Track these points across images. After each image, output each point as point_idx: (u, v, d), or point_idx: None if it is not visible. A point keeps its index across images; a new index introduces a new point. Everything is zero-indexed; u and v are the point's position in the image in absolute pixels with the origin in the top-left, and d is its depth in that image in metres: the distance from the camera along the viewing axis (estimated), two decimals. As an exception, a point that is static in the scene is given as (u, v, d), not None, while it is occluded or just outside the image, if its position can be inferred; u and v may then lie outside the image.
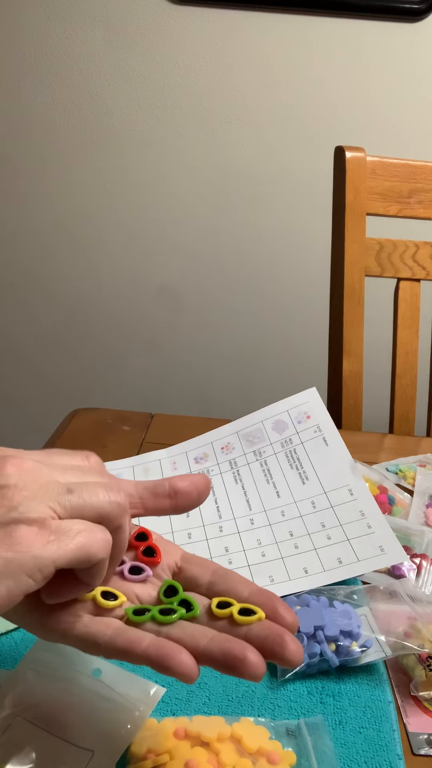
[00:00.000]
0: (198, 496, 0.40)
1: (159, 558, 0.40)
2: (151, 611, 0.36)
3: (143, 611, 0.36)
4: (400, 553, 0.56)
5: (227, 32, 1.39)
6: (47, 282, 1.61)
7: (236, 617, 0.35)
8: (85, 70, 1.43)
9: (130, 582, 0.39)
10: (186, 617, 0.36)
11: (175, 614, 0.36)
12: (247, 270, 1.57)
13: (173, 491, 0.40)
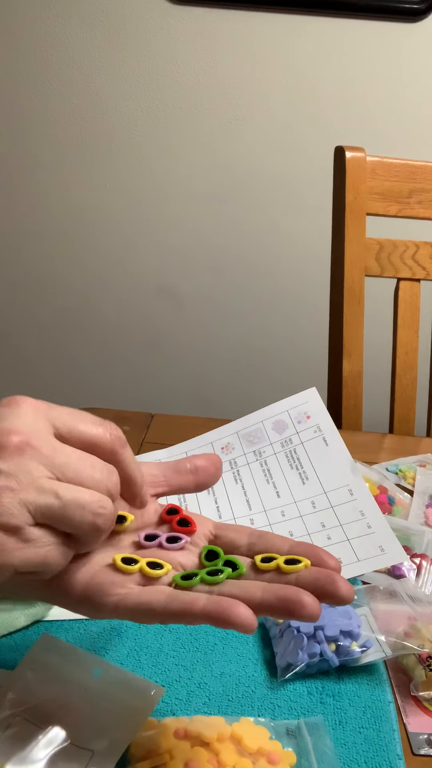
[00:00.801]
0: (215, 471, 0.43)
1: (194, 527, 0.41)
2: (199, 574, 0.37)
3: (191, 576, 0.37)
4: (400, 553, 0.56)
5: (227, 32, 1.39)
6: (47, 282, 1.61)
7: (283, 567, 0.36)
8: (85, 70, 1.43)
9: (170, 551, 0.40)
10: (233, 576, 0.37)
11: (223, 573, 0.37)
12: (247, 270, 1.57)
13: (194, 468, 0.43)
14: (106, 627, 0.52)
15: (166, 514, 0.42)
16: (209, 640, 0.51)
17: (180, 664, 0.49)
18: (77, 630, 0.52)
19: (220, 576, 0.36)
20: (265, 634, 0.52)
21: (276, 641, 0.50)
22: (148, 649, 0.50)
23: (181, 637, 0.51)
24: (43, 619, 0.52)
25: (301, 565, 0.36)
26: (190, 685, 0.47)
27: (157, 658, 0.49)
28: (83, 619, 0.53)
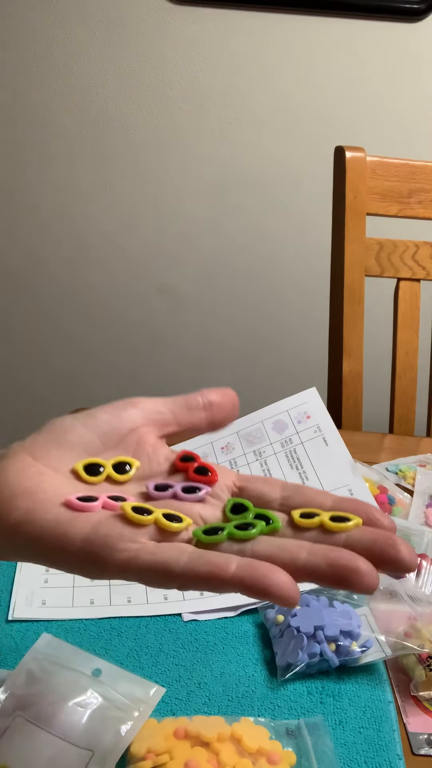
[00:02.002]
0: (232, 408, 0.37)
1: (215, 476, 0.35)
2: (226, 528, 0.30)
3: (215, 530, 0.30)
4: (400, 553, 0.56)
5: (227, 32, 1.39)
6: (47, 282, 1.61)
7: (329, 525, 0.29)
8: (84, 70, 1.43)
9: (187, 502, 0.33)
10: (266, 531, 0.30)
11: (255, 528, 0.30)
12: (247, 270, 1.57)
13: (208, 403, 0.37)
14: (106, 627, 0.52)
15: (180, 461, 0.36)
16: (209, 640, 0.51)
17: (180, 664, 0.49)
18: (77, 630, 0.52)
19: (253, 530, 0.29)
20: (265, 634, 0.52)
21: (276, 641, 0.50)
22: (148, 649, 0.50)
23: (181, 637, 0.51)
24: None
25: (351, 523, 0.29)
26: (190, 685, 0.47)
27: (157, 658, 0.49)
28: (83, 619, 0.53)
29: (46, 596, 0.55)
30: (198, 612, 0.54)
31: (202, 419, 0.37)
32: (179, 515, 0.31)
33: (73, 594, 0.55)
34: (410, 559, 0.28)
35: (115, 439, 0.35)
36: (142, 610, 0.54)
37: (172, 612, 0.54)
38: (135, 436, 0.36)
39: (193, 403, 0.37)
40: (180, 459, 0.36)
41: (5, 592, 0.55)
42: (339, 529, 0.29)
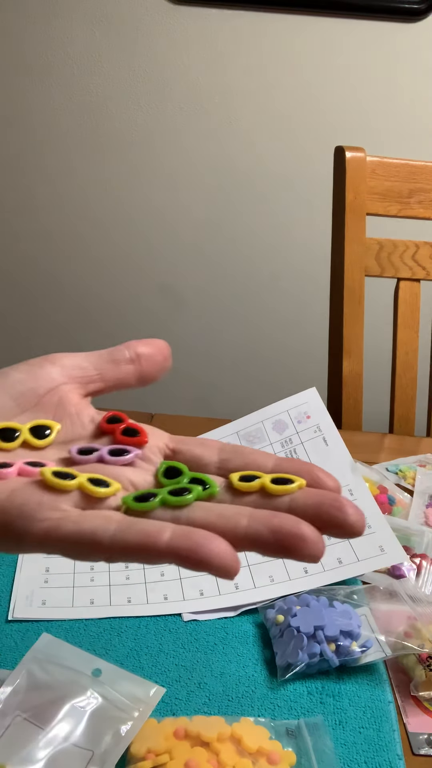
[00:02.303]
0: (163, 360, 0.34)
1: (145, 437, 0.32)
2: (159, 494, 0.27)
3: (147, 496, 0.27)
4: (400, 553, 0.56)
5: (227, 32, 1.39)
6: (47, 282, 1.61)
7: (270, 488, 0.27)
8: (84, 70, 1.43)
9: (115, 466, 0.30)
10: (203, 497, 0.28)
11: (191, 493, 0.27)
12: (247, 270, 1.57)
13: (135, 356, 0.34)
14: (106, 627, 0.52)
15: (106, 422, 0.32)
16: (209, 640, 0.51)
17: (180, 664, 0.49)
18: (77, 630, 0.52)
19: (188, 496, 0.27)
20: (265, 634, 0.52)
21: (276, 641, 0.50)
22: (148, 649, 0.50)
23: (181, 637, 0.51)
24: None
25: (294, 485, 0.27)
26: (190, 685, 0.47)
27: (157, 658, 0.49)
28: (83, 619, 0.53)
29: (46, 596, 0.55)
30: (198, 612, 0.54)
31: (130, 373, 0.34)
32: (106, 480, 0.28)
33: (73, 594, 0.55)
34: (358, 521, 0.26)
35: (32, 400, 0.32)
36: (142, 610, 0.54)
37: (172, 612, 0.54)
38: (55, 396, 0.33)
39: (118, 356, 0.34)
40: (106, 420, 0.33)
41: (5, 592, 0.55)
42: (281, 492, 0.27)
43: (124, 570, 0.57)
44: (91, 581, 0.56)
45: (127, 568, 0.57)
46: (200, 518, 0.26)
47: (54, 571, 0.57)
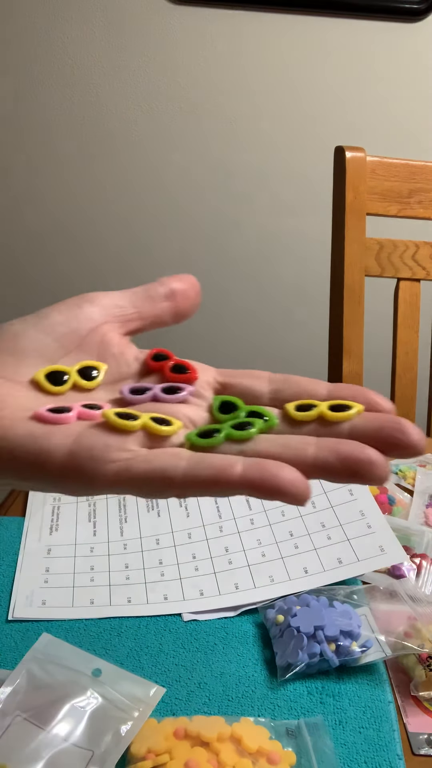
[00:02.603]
0: (195, 296, 0.35)
1: (195, 373, 0.31)
2: (223, 429, 0.27)
3: (211, 432, 0.27)
4: (400, 553, 0.56)
5: (227, 32, 1.39)
6: (47, 282, 1.61)
7: (329, 415, 0.27)
8: (84, 70, 1.43)
9: (169, 403, 0.30)
10: (264, 429, 0.28)
11: (254, 426, 0.27)
12: (246, 269, 1.57)
13: (170, 292, 0.34)
14: (106, 627, 0.52)
15: (153, 360, 0.32)
16: (209, 640, 0.51)
17: (180, 664, 0.49)
18: (77, 630, 0.52)
19: (252, 429, 0.27)
20: (265, 634, 0.52)
21: (276, 641, 0.50)
22: (148, 649, 0.50)
23: (181, 637, 0.51)
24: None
25: (353, 411, 0.27)
26: (190, 685, 0.47)
27: (157, 658, 0.49)
28: (83, 619, 0.53)
29: (46, 596, 0.55)
30: (198, 612, 0.54)
31: (166, 309, 0.34)
32: (168, 418, 0.28)
33: (73, 594, 0.55)
34: (420, 441, 0.26)
35: (75, 341, 0.32)
36: (142, 610, 0.54)
37: (172, 612, 0.54)
38: (97, 336, 0.32)
39: (154, 293, 0.34)
40: (152, 358, 0.33)
41: (5, 592, 0.55)
42: (340, 419, 0.27)
43: (124, 570, 0.57)
44: (91, 581, 0.56)
45: (127, 568, 0.57)
46: (266, 450, 0.26)
47: (54, 571, 0.57)
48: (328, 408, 0.28)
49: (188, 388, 0.30)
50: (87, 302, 0.32)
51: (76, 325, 0.32)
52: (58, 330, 0.31)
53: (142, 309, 0.33)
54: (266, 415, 0.28)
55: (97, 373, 0.31)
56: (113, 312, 0.33)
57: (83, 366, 0.31)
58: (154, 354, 0.33)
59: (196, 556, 0.58)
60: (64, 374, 0.30)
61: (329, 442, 0.26)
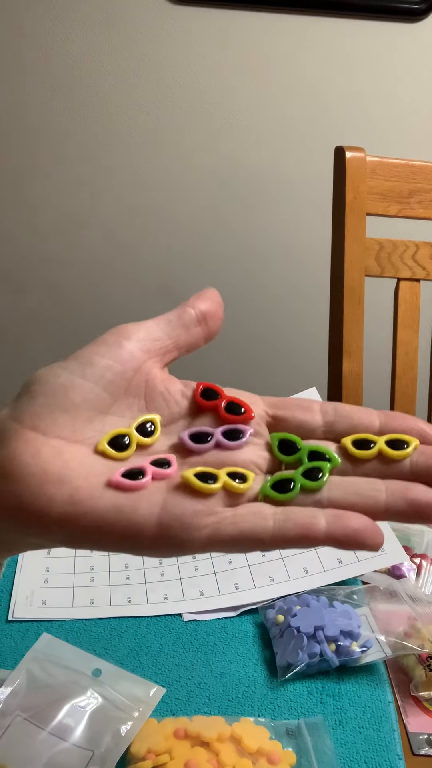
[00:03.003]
0: (221, 312, 0.34)
1: (251, 412, 0.32)
2: (296, 482, 0.28)
3: (284, 483, 0.28)
4: (400, 553, 0.56)
5: (227, 32, 1.39)
6: (47, 281, 1.61)
7: (389, 453, 0.29)
8: (85, 70, 1.43)
9: (232, 450, 0.30)
10: (330, 471, 0.29)
11: (325, 474, 0.29)
12: (246, 270, 1.57)
13: (201, 316, 0.33)
14: (106, 627, 0.52)
15: (201, 397, 0.32)
16: (209, 640, 0.51)
17: (180, 664, 0.49)
18: (77, 630, 0.52)
19: (323, 479, 0.28)
20: (265, 634, 0.52)
21: (276, 641, 0.50)
22: (148, 649, 0.50)
23: (181, 637, 0.51)
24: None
25: (410, 448, 0.29)
26: (190, 685, 0.47)
27: (157, 658, 0.49)
28: (83, 619, 0.53)
29: (46, 596, 0.55)
30: (198, 612, 0.54)
31: (200, 335, 0.33)
32: (242, 472, 0.29)
33: (73, 594, 0.55)
34: None
35: (123, 386, 0.31)
36: (142, 610, 0.54)
37: (172, 612, 0.54)
38: (142, 377, 0.32)
39: (187, 319, 0.33)
40: (201, 395, 0.32)
41: (5, 592, 0.55)
42: (400, 457, 0.29)
43: (124, 570, 0.57)
44: (91, 581, 0.56)
45: (127, 568, 0.57)
46: (341, 499, 0.28)
47: (54, 571, 0.57)
48: (386, 443, 0.29)
49: (248, 431, 0.31)
50: (124, 339, 0.32)
51: (121, 369, 0.31)
52: (105, 377, 0.30)
53: (178, 339, 0.33)
54: (329, 456, 0.29)
55: (153, 428, 0.31)
56: (152, 347, 0.32)
57: (140, 423, 0.31)
58: (203, 391, 0.32)
59: (196, 556, 0.58)
60: (125, 437, 0.30)
61: (398, 488, 0.28)
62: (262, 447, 0.31)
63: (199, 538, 0.27)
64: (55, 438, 0.29)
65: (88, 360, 0.30)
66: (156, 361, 0.32)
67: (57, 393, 0.30)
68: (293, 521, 0.27)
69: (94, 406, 0.30)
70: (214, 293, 0.34)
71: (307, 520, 0.27)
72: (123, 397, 0.31)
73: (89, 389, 0.30)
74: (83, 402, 0.30)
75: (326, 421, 0.31)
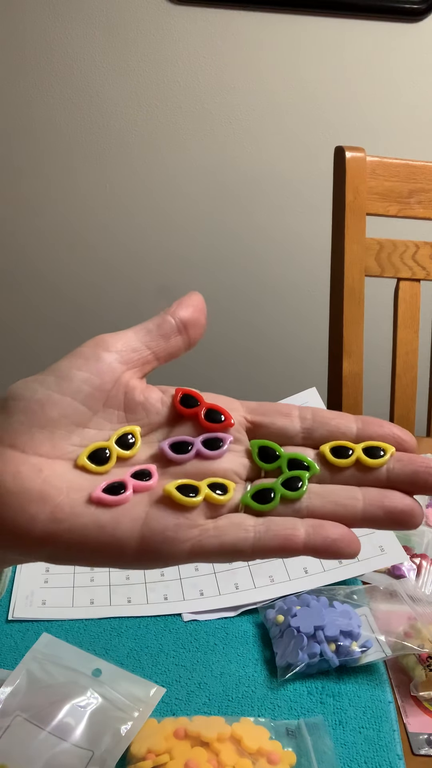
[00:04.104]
0: (204, 319, 0.34)
1: (230, 419, 0.31)
2: (275, 492, 0.29)
3: (264, 494, 0.29)
4: (400, 553, 0.56)
5: (227, 32, 1.39)
6: (47, 281, 1.61)
7: (367, 462, 0.30)
8: (85, 70, 1.43)
9: (212, 459, 0.31)
10: (309, 479, 0.30)
11: (304, 484, 0.29)
12: (247, 270, 1.57)
13: (182, 325, 0.33)
14: (106, 627, 0.52)
15: (180, 404, 0.32)
16: (209, 640, 0.51)
17: (180, 664, 0.49)
18: (77, 630, 0.52)
19: (302, 488, 0.29)
20: (265, 634, 0.52)
21: (276, 641, 0.50)
22: (148, 649, 0.50)
23: (181, 637, 0.51)
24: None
25: (386, 456, 0.30)
26: (190, 685, 0.47)
27: (157, 658, 0.49)
28: (83, 619, 0.53)
29: (46, 596, 0.55)
30: (198, 612, 0.54)
31: (180, 345, 0.33)
32: (223, 482, 0.29)
33: (73, 594, 0.55)
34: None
35: (101, 399, 0.31)
36: (142, 610, 0.54)
37: (172, 612, 0.54)
38: (120, 388, 0.31)
39: (167, 329, 0.33)
40: (180, 402, 0.32)
41: (5, 592, 0.55)
42: (378, 465, 0.30)
43: (124, 570, 0.57)
44: (91, 581, 0.56)
45: (127, 568, 0.57)
46: (320, 509, 0.29)
47: (54, 571, 0.57)
48: (363, 451, 0.30)
49: (228, 439, 0.31)
50: (102, 350, 0.31)
51: (99, 382, 0.30)
52: (83, 391, 0.30)
53: (156, 349, 0.33)
54: (309, 465, 0.30)
55: (134, 440, 0.31)
56: (131, 358, 0.32)
57: (119, 436, 0.31)
58: (182, 398, 0.32)
59: (196, 556, 0.58)
60: (105, 450, 0.30)
61: (375, 496, 0.29)
62: (242, 454, 0.31)
63: (181, 551, 0.28)
64: (34, 455, 0.29)
65: (66, 374, 0.30)
66: (135, 372, 0.32)
67: (34, 409, 0.29)
68: (273, 533, 0.27)
69: (73, 421, 0.30)
70: (196, 299, 0.34)
71: (286, 531, 0.27)
72: (102, 410, 0.31)
73: (67, 404, 0.30)
74: (61, 417, 0.30)
75: (304, 427, 0.32)
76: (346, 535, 0.27)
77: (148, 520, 0.28)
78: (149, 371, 0.33)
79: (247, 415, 0.32)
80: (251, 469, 0.31)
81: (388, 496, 0.29)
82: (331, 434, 0.31)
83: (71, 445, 0.30)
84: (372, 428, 0.31)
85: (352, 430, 0.31)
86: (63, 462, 0.29)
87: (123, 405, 0.32)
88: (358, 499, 0.29)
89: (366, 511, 0.28)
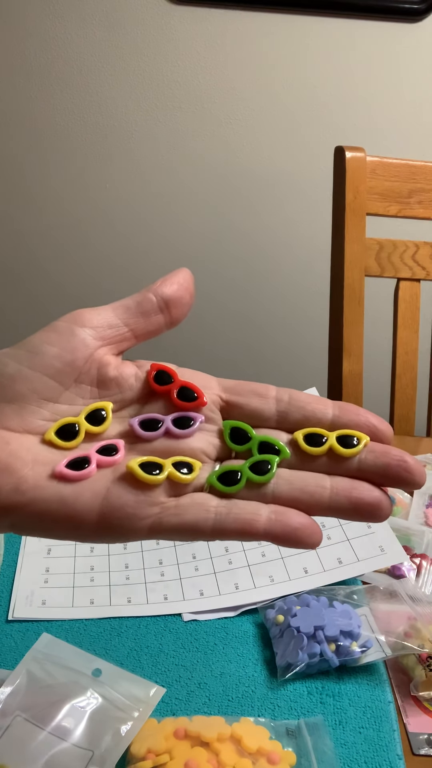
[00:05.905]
0: (190, 298, 0.33)
1: (203, 398, 0.31)
2: (242, 475, 0.29)
3: (231, 476, 0.29)
4: (400, 553, 0.56)
5: (227, 32, 1.39)
6: (45, 280, 1.61)
7: (340, 451, 0.29)
8: (85, 70, 1.43)
9: (181, 438, 0.30)
10: (279, 463, 0.29)
11: (272, 468, 0.29)
12: (247, 270, 1.57)
13: (163, 303, 0.32)
14: (106, 627, 0.52)
15: (155, 381, 0.31)
16: (209, 640, 0.51)
17: (180, 664, 0.49)
18: (77, 630, 0.52)
19: (270, 473, 0.29)
20: (265, 634, 0.52)
21: (276, 641, 0.50)
22: (148, 649, 0.50)
23: (181, 637, 0.51)
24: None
25: (360, 446, 0.29)
26: (190, 685, 0.47)
27: (157, 658, 0.49)
28: (83, 619, 0.53)
29: (46, 596, 0.55)
30: (198, 612, 0.54)
31: (161, 323, 0.32)
32: (188, 461, 0.29)
33: (73, 594, 0.55)
34: (421, 478, 0.28)
35: (73, 375, 0.30)
36: (142, 610, 0.54)
37: (172, 612, 0.54)
38: (93, 364, 0.31)
39: (148, 307, 0.31)
40: (154, 378, 0.31)
41: (5, 592, 0.55)
42: (349, 455, 0.29)
43: (124, 570, 0.57)
44: (91, 581, 0.56)
45: (127, 568, 0.57)
46: (286, 494, 0.28)
47: (54, 571, 0.57)
48: (336, 439, 0.29)
49: (199, 418, 0.31)
50: (77, 326, 0.30)
51: (71, 358, 0.30)
52: (54, 366, 0.30)
53: (135, 327, 0.31)
54: (279, 448, 0.30)
55: (105, 414, 0.31)
56: (106, 334, 0.31)
57: (90, 411, 0.30)
58: (156, 374, 0.31)
59: (196, 556, 0.58)
60: (74, 425, 0.30)
61: (343, 486, 0.28)
62: (214, 434, 0.31)
63: (141, 527, 0.28)
64: (1, 429, 0.29)
65: (38, 348, 0.30)
66: (110, 348, 0.31)
67: (4, 384, 0.29)
68: (234, 515, 0.27)
69: (43, 396, 0.30)
70: (184, 276, 0.33)
71: (248, 516, 0.27)
72: (74, 386, 0.31)
73: (37, 379, 0.30)
74: (31, 392, 0.30)
75: (280, 410, 0.31)
76: (308, 525, 0.27)
77: (109, 495, 0.28)
78: (127, 348, 0.32)
79: (222, 394, 0.32)
80: (222, 450, 0.31)
81: (356, 488, 0.28)
82: (306, 419, 0.31)
83: (41, 420, 0.30)
84: (348, 416, 0.30)
85: (327, 416, 0.30)
86: (32, 437, 0.30)
87: (96, 381, 0.31)
88: (325, 487, 0.28)
89: (332, 501, 0.28)
